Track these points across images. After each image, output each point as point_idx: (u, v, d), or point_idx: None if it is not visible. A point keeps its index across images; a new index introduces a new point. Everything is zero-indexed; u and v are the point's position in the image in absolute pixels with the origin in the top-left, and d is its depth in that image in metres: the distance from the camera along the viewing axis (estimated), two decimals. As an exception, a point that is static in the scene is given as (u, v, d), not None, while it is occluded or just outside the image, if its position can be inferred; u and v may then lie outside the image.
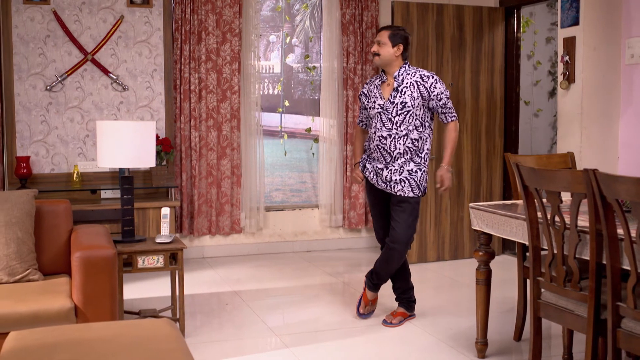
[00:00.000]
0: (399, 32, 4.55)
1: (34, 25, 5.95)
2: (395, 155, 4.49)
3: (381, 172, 4.53)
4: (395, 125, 4.47)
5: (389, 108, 4.49)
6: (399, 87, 4.48)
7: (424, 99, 4.46)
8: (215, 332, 4.56)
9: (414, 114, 4.45)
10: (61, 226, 4.10)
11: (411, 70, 4.52)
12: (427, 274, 6.16)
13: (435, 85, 4.46)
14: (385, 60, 4.52)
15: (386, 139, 4.50)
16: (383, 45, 4.50)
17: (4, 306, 3.44)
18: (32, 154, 5.98)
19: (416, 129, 4.48)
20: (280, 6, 7.34)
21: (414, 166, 4.49)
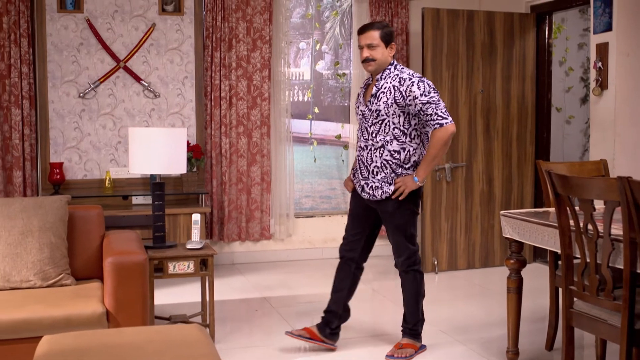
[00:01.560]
0: (388, 29, 4.05)
1: (68, 33, 6.03)
2: (372, 169, 4.04)
3: (364, 186, 4.12)
4: (372, 136, 4.02)
5: (367, 116, 4.04)
6: (377, 93, 4.00)
7: (400, 105, 3.92)
8: (245, 338, 4.57)
9: (390, 122, 3.95)
10: (93, 232, 4.14)
11: (395, 72, 4.00)
12: (457, 282, 6.12)
13: (410, 88, 3.89)
14: (382, 64, 4.01)
15: (363, 150, 4.08)
16: (376, 47, 3.99)
17: (38, 310, 3.48)
18: (65, 160, 6.05)
19: (396, 140, 3.96)
20: (310, 13, 7.37)
21: (395, 177, 4.02)
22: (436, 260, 6.37)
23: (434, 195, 6.33)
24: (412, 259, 4.16)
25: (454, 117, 6.30)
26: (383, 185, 4.02)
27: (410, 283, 4.21)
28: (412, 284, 4.20)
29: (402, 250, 4.14)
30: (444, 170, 6.34)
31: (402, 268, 4.19)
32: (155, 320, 4.51)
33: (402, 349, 4.20)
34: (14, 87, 5.88)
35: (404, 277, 4.22)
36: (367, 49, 3.99)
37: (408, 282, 4.21)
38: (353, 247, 4.27)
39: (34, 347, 3.18)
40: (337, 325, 4.33)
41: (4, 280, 3.79)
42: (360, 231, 4.24)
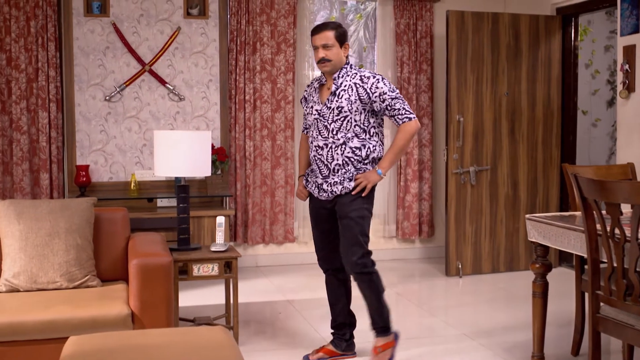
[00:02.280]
0: (342, 29, 4.01)
1: (94, 37, 6.09)
2: (333, 167, 3.97)
3: (321, 185, 4.03)
4: (332, 133, 3.96)
5: (325, 114, 3.99)
6: (337, 91, 3.96)
7: (363, 102, 3.92)
8: (268, 340, 4.57)
9: (352, 119, 3.93)
10: (119, 234, 4.17)
11: (352, 71, 4.00)
12: (481, 286, 6.08)
13: (376, 85, 3.91)
14: (337, 64, 3.97)
15: (322, 148, 4.00)
16: (331, 48, 3.93)
17: (64, 311, 3.51)
18: (91, 162, 6.11)
19: (357, 137, 3.95)
20: (334, 16, 7.38)
21: (355, 172, 3.97)
22: (460, 264, 6.34)
23: (458, 198, 6.30)
24: (365, 258, 3.97)
25: (478, 119, 6.29)
26: (343, 180, 3.94)
27: (368, 285, 4.02)
28: (370, 285, 4.02)
29: (357, 248, 3.94)
30: (469, 174, 6.31)
31: (356, 270, 3.97)
32: (180, 322, 4.53)
33: (382, 352, 4.09)
34: (42, 90, 5.95)
35: (360, 280, 4.02)
36: (322, 49, 3.94)
37: (366, 285, 4.02)
38: (332, 259, 4.16)
39: (60, 348, 3.22)
40: (350, 335, 4.30)
41: (31, 281, 3.83)
42: (330, 240, 4.12)
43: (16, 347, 3.45)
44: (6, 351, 3.44)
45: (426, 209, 6.95)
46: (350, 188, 3.94)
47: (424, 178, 6.92)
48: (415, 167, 6.83)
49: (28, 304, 3.61)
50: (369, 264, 4.00)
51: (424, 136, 6.89)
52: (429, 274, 6.51)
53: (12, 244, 3.86)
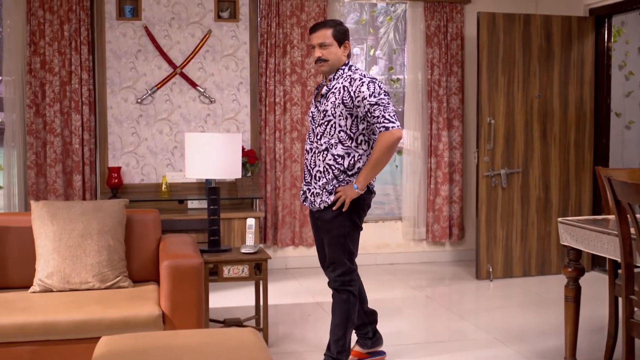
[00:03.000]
0: (341, 27, 3.80)
1: (126, 40, 6.15)
2: (315, 173, 3.77)
3: (305, 193, 3.87)
4: (317, 138, 3.76)
5: (315, 117, 3.79)
6: (328, 93, 3.76)
7: (347, 107, 3.66)
8: (297, 343, 4.58)
9: (336, 124, 3.68)
10: (150, 235, 4.21)
11: (347, 72, 3.76)
12: (512, 290, 6.03)
13: (359, 89, 3.63)
14: (334, 64, 3.76)
15: (308, 153, 3.83)
16: (328, 47, 3.73)
17: (96, 312, 3.55)
18: (123, 164, 6.17)
19: (340, 144, 3.69)
20: (364, 19, 7.37)
21: (337, 184, 3.74)
22: (491, 267, 6.29)
23: (489, 201, 6.26)
24: (347, 276, 3.80)
25: (510, 122, 6.23)
26: (323, 193, 3.74)
27: (341, 305, 3.82)
28: (343, 306, 3.82)
29: (337, 265, 3.79)
30: (500, 176, 6.26)
31: (335, 285, 3.83)
32: (210, 323, 4.55)
33: None
34: (74, 93, 6.02)
35: (335, 297, 3.86)
36: (319, 48, 3.74)
37: (339, 303, 3.83)
38: None
39: (92, 348, 3.25)
40: (373, 331, 4.21)
41: (64, 281, 3.88)
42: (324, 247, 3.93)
43: (49, 346, 3.50)
44: (40, 350, 3.49)
45: (456, 212, 6.91)
46: (329, 202, 3.72)
47: (454, 181, 6.88)
48: (445, 170, 6.80)
49: (61, 304, 3.66)
50: (348, 282, 3.82)
51: (455, 138, 6.85)
52: (459, 277, 6.47)
53: (46, 244, 3.92)
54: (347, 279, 3.81)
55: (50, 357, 3.50)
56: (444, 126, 6.78)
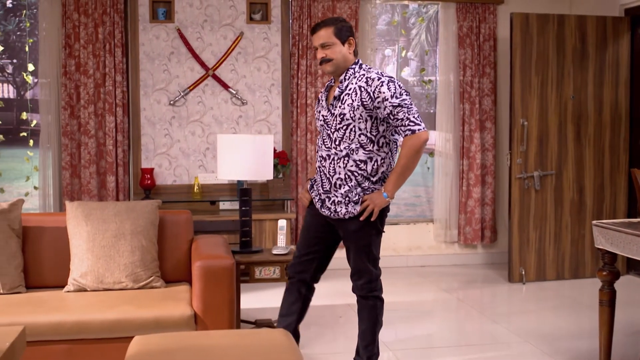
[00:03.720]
0: (343, 24, 3.61)
1: (159, 42, 6.20)
2: (335, 181, 3.58)
3: (323, 201, 3.66)
4: (335, 143, 3.55)
5: (329, 121, 3.58)
6: (341, 95, 3.56)
7: (367, 108, 3.48)
8: (328, 344, 4.58)
9: (356, 128, 3.50)
10: (182, 236, 4.24)
11: (360, 72, 3.57)
12: (545, 293, 5.97)
13: (379, 89, 3.45)
14: (340, 63, 3.58)
15: (325, 160, 3.61)
16: (331, 46, 3.56)
17: (129, 312, 3.59)
18: (155, 165, 6.22)
19: (362, 148, 3.51)
20: (396, 20, 7.35)
21: (362, 193, 3.57)
22: (524, 270, 6.23)
23: (522, 203, 6.20)
24: (373, 283, 3.70)
25: (543, 123, 6.17)
26: (348, 203, 3.57)
27: (369, 311, 3.74)
28: (371, 312, 3.74)
29: (362, 273, 3.68)
30: (533, 179, 6.20)
31: (361, 293, 3.72)
32: (241, 324, 4.57)
33: None
34: (108, 95, 6.09)
35: (362, 303, 3.76)
36: (321, 49, 3.57)
37: (367, 309, 3.74)
38: (305, 268, 3.80)
39: (124, 347, 3.28)
40: None
41: (97, 281, 3.93)
42: (315, 250, 3.78)
43: (83, 345, 3.55)
44: (74, 349, 3.53)
45: (489, 214, 6.86)
46: (356, 213, 3.56)
47: (486, 183, 6.83)
48: (477, 172, 6.75)
49: (94, 303, 3.70)
50: (376, 287, 3.73)
51: (487, 140, 6.80)
52: (491, 280, 6.42)
53: (80, 244, 3.97)
54: (373, 286, 3.72)
55: (84, 356, 3.55)
56: (476, 128, 6.73)
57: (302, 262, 3.80)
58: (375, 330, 3.77)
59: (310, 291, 3.90)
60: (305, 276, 3.82)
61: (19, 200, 4.11)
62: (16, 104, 14.13)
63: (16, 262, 3.96)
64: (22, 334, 2.92)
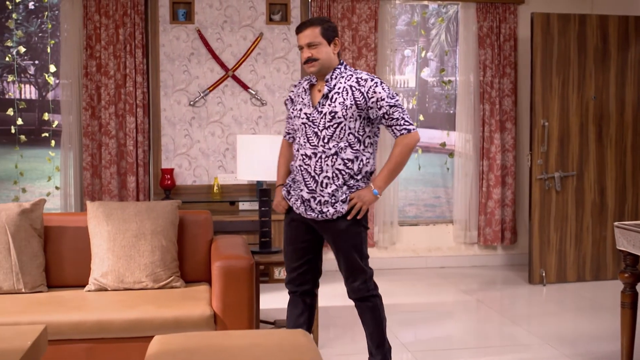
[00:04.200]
0: (329, 24, 3.60)
1: (179, 43, 6.23)
2: (322, 180, 3.53)
3: (308, 202, 3.58)
4: (323, 141, 3.53)
5: (315, 119, 3.55)
6: (330, 93, 3.55)
7: (359, 108, 3.50)
8: (348, 345, 4.57)
9: (346, 126, 3.50)
10: (202, 236, 4.25)
11: (348, 71, 3.60)
12: (566, 295, 5.92)
13: (373, 89, 3.49)
14: (325, 64, 3.56)
15: (310, 158, 3.55)
16: (317, 46, 3.54)
17: (149, 311, 3.61)
18: (175, 166, 6.25)
19: (350, 147, 3.51)
20: (415, 20, 7.32)
21: (348, 191, 3.55)
22: (544, 272, 6.19)
23: (543, 204, 6.16)
24: (369, 282, 3.67)
25: (564, 124, 6.13)
26: (335, 202, 3.53)
27: (371, 312, 3.70)
28: (374, 314, 3.70)
29: (358, 274, 3.63)
30: (553, 180, 6.16)
31: (359, 295, 3.67)
32: (261, 324, 4.58)
33: None
34: (129, 96, 6.13)
35: (362, 307, 3.71)
36: (307, 48, 3.55)
37: (369, 311, 3.70)
38: (304, 280, 3.75)
39: (144, 347, 3.30)
40: None
41: (118, 281, 3.95)
42: (305, 260, 3.73)
43: (104, 344, 3.57)
44: (94, 348, 3.56)
45: (509, 215, 6.82)
46: (344, 212, 3.53)
47: (506, 184, 6.79)
48: (497, 173, 6.72)
49: (115, 303, 3.73)
50: (372, 287, 3.69)
51: (507, 141, 6.76)
52: (511, 281, 6.39)
53: (101, 244, 3.99)
54: (369, 285, 3.68)
55: (105, 355, 3.57)
56: (497, 128, 6.70)
57: (299, 275, 3.75)
58: (382, 328, 3.74)
59: (314, 298, 3.86)
60: (307, 287, 3.78)
61: (41, 200, 4.15)
62: (38, 105, 14.25)
63: (38, 262, 4.00)
64: (43, 333, 2.94)
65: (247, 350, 2.82)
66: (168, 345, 2.88)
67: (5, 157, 7.85)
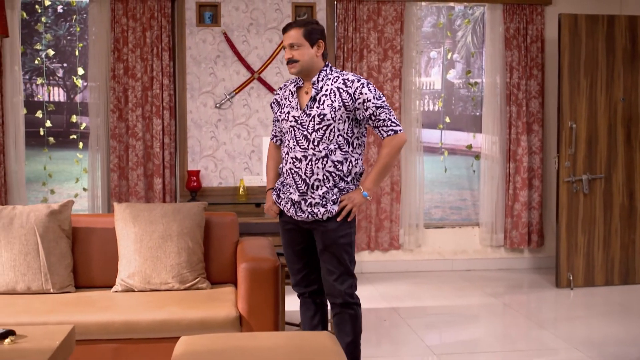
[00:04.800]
0: (314, 26, 3.58)
1: (206, 46, 6.27)
2: (313, 182, 3.53)
3: (298, 204, 3.57)
4: (312, 144, 3.52)
5: (304, 122, 3.54)
6: (318, 96, 3.54)
7: (347, 109, 3.49)
8: (373, 348, 4.56)
9: (335, 128, 3.50)
10: (228, 238, 4.27)
11: (334, 73, 3.58)
12: (594, 299, 5.86)
13: (360, 90, 3.49)
14: (306, 65, 3.55)
15: (301, 161, 3.54)
16: (299, 47, 3.53)
17: (175, 312, 3.63)
18: (201, 168, 6.28)
19: (339, 149, 3.51)
20: (441, 22, 7.30)
21: (339, 193, 3.55)
22: (572, 275, 6.13)
23: (570, 207, 6.10)
24: (354, 287, 3.62)
25: (592, 126, 6.08)
26: (326, 203, 3.52)
27: (352, 322, 3.65)
28: (354, 323, 3.66)
29: (346, 276, 3.59)
30: (581, 182, 6.10)
31: (343, 300, 3.60)
32: (286, 326, 4.58)
33: None
34: (156, 98, 6.17)
35: (344, 315, 3.64)
36: (289, 49, 3.55)
37: (350, 320, 3.64)
38: (310, 281, 3.75)
39: (170, 347, 3.32)
40: None
41: (144, 282, 3.98)
42: (306, 262, 3.73)
43: (131, 344, 3.60)
44: (122, 348, 3.59)
45: (536, 218, 6.76)
46: (334, 212, 3.53)
47: (533, 186, 6.74)
48: (524, 175, 6.67)
49: (142, 303, 3.76)
50: (356, 294, 3.65)
51: (534, 143, 6.71)
52: (537, 284, 6.33)
53: (128, 245, 4.02)
54: (354, 290, 3.64)
55: (132, 355, 3.60)
56: (523, 130, 6.65)
57: (303, 277, 3.75)
58: (358, 339, 3.70)
59: (324, 297, 3.81)
60: (314, 287, 3.76)
61: (69, 202, 4.20)
62: (66, 107, 14.42)
63: (66, 262, 4.04)
64: (71, 332, 2.97)
65: (273, 352, 2.83)
66: (194, 346, 2.90)
67: (34, 159, 7.96)
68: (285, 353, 2.82)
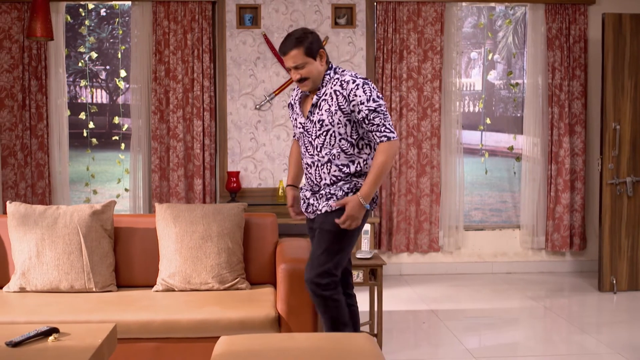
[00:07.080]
0: (310, 39, 3.49)
1: (246, 48, 6.31)
2: (322, 186, 3.56)
3: (309, 200, 3.62)
4: (316, 150, 3.52)
5: (309, 128, 3.54)
6: (318, 102, 3.51)
7: (344, 112, 3.43)
8: (412, 350, 4.54)
9: (336, 133, 3.45)
10: (267, 238, 4.29)
11: (335, 76, 3.51)
12: (637, 303, 5.76)
13: (355, 92, 3.40)
14: (316, 79, 3.50)
15: (310, 167, 3.58)
16: (305, 65, 3.46)
17: (215, 312, 3.66)
18: (241, 169, 6.32)
19: (343, 152, 3.48)
20: (482, 22, 7.24)
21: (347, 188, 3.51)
22: (615, 279, 6.03)
23: (614, 210, 6.00)
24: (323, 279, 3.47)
25: (636, 127, 5.98)
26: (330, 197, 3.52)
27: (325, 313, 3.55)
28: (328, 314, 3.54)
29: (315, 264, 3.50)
30: (625, 184, 5.99)
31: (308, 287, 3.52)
32: (324, 327, 4.59)
33: None
34: (196, 100, 6.23)
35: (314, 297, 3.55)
36: (295, 70, 3.48)
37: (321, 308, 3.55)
38: None
39: (209, 347, 3.35)
40: None
41: (185, 282, 4.02)
42: None
43: (171, 343, 3.63)
44: (162, 347, 3.62)
45: (578, 221, 6.67)
46: (334, 208, 3.49)
47: (575, 188, 6.64)
48: (566, 177, 6.58)
49: (182, 303, 3.79)
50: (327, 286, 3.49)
51: (577, 145, 6.61)
52: (580, 288, 6.24)
53: (169, 245, 4.07)
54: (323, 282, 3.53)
55: (172, 354, 3.63)
56: (566, 132, 6.56)
57: None
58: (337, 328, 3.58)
59: (351, 298, 3.76)
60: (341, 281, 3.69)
61: (112, 202, 4.26)
62: (109, 109, 14.64)
63: (108, 262, 4.10)
64: (113, 331, 3.02)
65: (311, 353, 2.83)
66: (233, 346, 2.92)
67: (77, 160, 8.10)
68: (324, 355, 2.82)
